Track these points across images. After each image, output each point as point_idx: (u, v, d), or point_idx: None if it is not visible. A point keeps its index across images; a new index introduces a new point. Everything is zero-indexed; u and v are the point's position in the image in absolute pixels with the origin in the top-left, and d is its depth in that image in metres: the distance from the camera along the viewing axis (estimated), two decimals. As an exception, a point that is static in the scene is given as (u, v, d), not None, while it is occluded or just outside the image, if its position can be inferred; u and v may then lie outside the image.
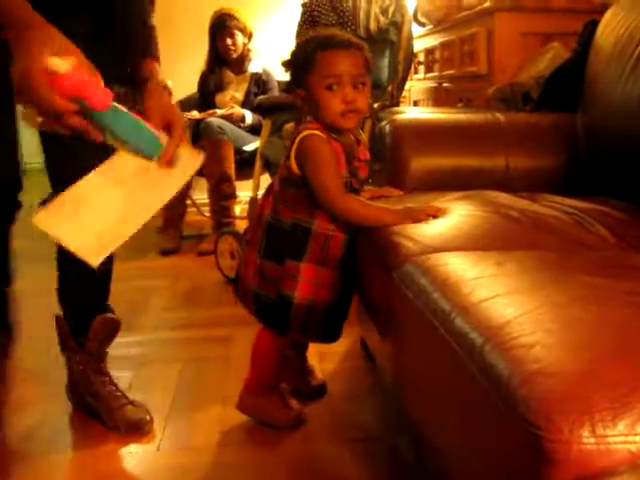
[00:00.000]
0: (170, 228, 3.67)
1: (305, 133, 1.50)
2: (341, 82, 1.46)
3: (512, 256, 1.14)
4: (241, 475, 1.52)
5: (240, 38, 3.72)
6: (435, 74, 3.56)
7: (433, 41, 3.59)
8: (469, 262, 1.11)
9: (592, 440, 0.64)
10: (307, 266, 1.55)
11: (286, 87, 1.57)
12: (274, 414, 1.70)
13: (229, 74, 3.82)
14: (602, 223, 1.45)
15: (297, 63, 1.55)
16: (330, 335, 1.67)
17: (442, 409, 0.98)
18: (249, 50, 3.81)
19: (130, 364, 2.12)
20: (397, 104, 3.26)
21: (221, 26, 3.70)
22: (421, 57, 3.77)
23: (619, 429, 0.64)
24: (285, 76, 3.45)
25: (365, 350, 2.11)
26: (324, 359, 2.10)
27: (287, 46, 3.75)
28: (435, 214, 1.47)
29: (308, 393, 1.84)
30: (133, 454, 1.60)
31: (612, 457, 0.64)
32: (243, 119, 3.65)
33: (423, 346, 1.07)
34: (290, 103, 2.92)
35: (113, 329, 1.79)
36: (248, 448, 1.63)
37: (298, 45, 1.58)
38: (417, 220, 1.45)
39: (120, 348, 2.26)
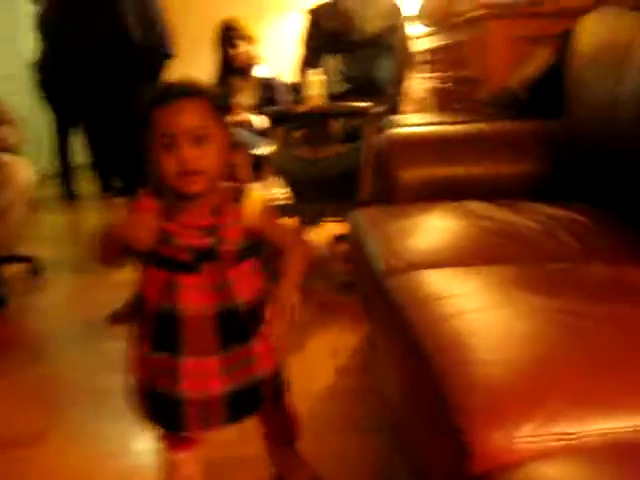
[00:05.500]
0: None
1: None
2: (176, 141, 1.23)
3: (476, 272, 1.34)
4: (252, 468, 1.60)
5: (244, 46, 3.90)
6: (438, 74, 3.65)
7: (436, 42, 3.68)
8: (438, 281, 1.32)
9: (504, 440, 0.83)
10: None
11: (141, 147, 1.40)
12: None
13: (238, 81, 4.00)
14: (571, 231, 1.63)
15: (144, 122, 1.31)
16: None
17: (409, 407, 1.17)
18: (255, 57, 3.98)
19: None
20: (396, 105, 3.38)
21: (225, 36, 3.91)
22: (427, 56, 3.85)
23: (524, 432, 0.84)
24: (294, 77, 3.61)
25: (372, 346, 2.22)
26: (337, 354, 2.22)
27: (293, 50, 3.91)
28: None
29: None
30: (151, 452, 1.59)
31: (518, 454, 0.82)
32: (251, 124, 3.82)
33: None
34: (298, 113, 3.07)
35: None
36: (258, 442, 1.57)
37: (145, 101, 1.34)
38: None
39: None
